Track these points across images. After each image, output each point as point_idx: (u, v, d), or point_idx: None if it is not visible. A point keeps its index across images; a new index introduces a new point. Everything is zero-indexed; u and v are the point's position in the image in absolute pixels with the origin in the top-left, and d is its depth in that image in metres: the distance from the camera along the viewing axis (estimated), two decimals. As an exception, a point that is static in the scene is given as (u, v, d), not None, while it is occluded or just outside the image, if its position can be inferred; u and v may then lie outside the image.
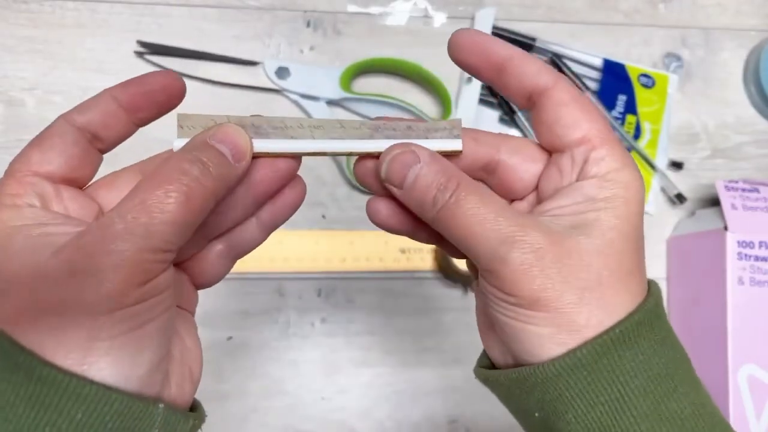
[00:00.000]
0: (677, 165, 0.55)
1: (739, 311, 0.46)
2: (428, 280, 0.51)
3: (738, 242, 0.46)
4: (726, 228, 0.46)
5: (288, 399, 0.48)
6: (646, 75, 0.56)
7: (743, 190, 0.48)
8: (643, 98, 0.55)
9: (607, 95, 0.55)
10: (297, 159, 0.24)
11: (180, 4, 0.52)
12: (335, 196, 0.51)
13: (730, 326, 0.45)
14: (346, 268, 0.50)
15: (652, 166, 0.54)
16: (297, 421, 0.48)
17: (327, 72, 0.51)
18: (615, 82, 0.55)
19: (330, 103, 0.52)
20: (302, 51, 0.53)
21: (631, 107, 0.55)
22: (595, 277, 0.21)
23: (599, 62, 0.55)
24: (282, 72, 0.51)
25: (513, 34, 0.54)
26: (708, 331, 0.47)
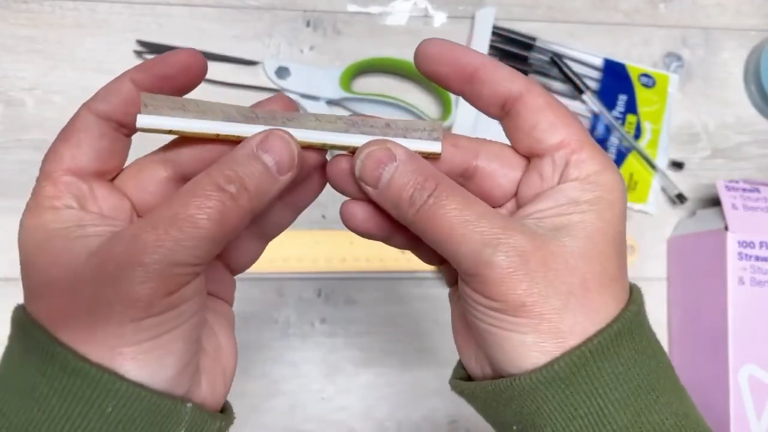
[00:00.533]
0: (678, 165, 0.55)
1: (740, 311, 0.46)
2: (428, 280, 0.51)
3: (738, 242, 0.46)
4: (726, 228, 0.46)
5: (288, 399, 0.48)
6: (647, 75, 0.56)
7: (744, 190, 0.48)
8: (644, 98, 0.55)
9: (608, 95, 0.55)
10: (324, 153, 0.24)
11: (180, 4, 0.52)
12: (335, 196, 0.51)
13: (731, 326, 0.45)
14: (346, 268, 0.50)
15: (653, 166, 0.54)
16: (297, 422, 0.48)
17: (327, 72, 0.51)
18: (615, 82, 0.55)
19: (330, 103, 0.52)
20: (302, 51, 0.53)
21: (632, 107, 0.55)
22: (580, 282, 0.21)
23: (600, 62, 0.55)
24: (282, 72, 0.51)
25: (513, 34, 0.54)
26: (708, 332, 0.47)
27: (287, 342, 0.49)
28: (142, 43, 0.50)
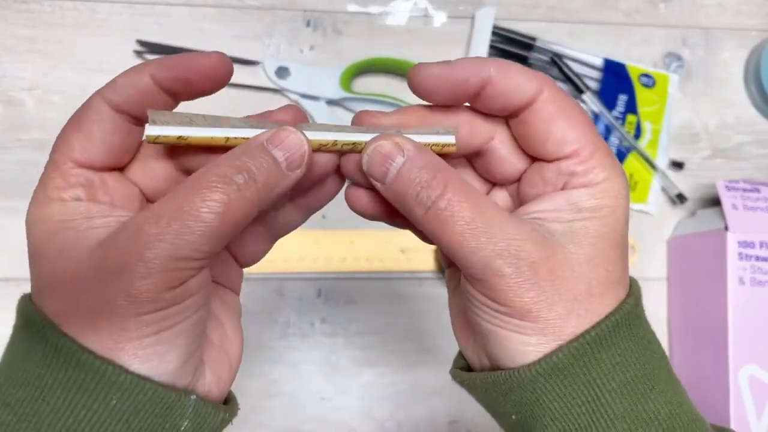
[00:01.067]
0: (678, 165, 0.55)
1: (740, 311, 0.46)
2: (428, 280, 0.51)
3: (739, 242, 0.46)
4: (727, 228, 0.46)
5: (288, 399, 0.48)
6: (647, 75, 0.56)
7: (744, 190, 0.48)
8: (644, 98, 0.55)
9: (608, 95, 0.55)
10: (337, 155, 0.23)
11: (180, 4, 0.52)
12: (335, 197, 0.51)
13: (731, 327, 0.45)
14: (346, 268, 0.50)
15: (653, 166, 0.54)
16: (297, 422, 0.48)
17: (327, 72, 0.51)
18: (616, 82, 0.55)
19: (330, 103, 0.52)
20: (302, 51, 0.53)
21: (632, 107, 0.55)
22: (585, 288, 0.21)
23: (600, 62, 0.55)
24: (282, 72, 0.51)
25: (513, 34, 0.54)
26: (709, 332, 0.47)
27: (287, 342, 0.49)
28: (142, 43, 0.50)
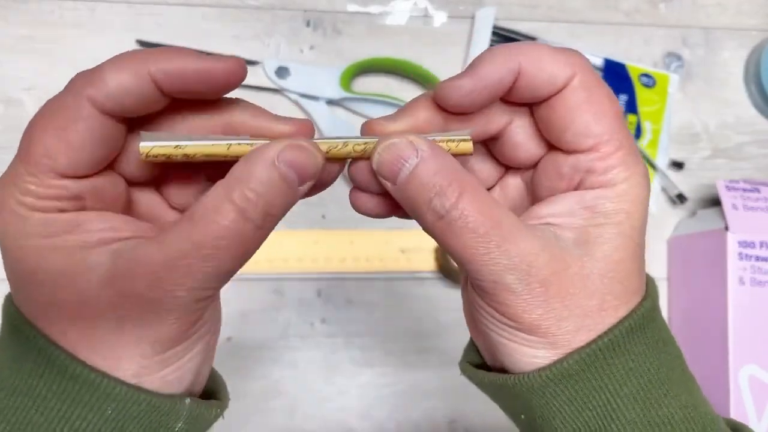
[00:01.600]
0: (678, 165, 0.55)
1: (740, 312, 0.45)
2: (428, 280, 0.51)
3: (739, 242, 0.46)
4: (727, 228, 0.46)
5: (288, 399, 0.48)
6: (647, 75, 0.56)
7: (744, 190, 0.48)
8: (644, 98, 0.55)
9: (608, 95, 0.55)
10: (343, 164, 0.22)
11: (179, 4, 0.52)
12: (335, 196, 0.51)
13: (731, 327, 0.45)
14: (346, 269, 0.50)
15: (653, 166, 0.54)
16: (297, 422, 0.48)
17: (327, 72, 0.51)
18: (616, 82, 0.55)
19: (330, 103, 0.52)
20: (302, 50, 0.53)
21: (632, 107, 0.55)
22: (598, 303, 0.20)
23: (600, 62, 0.55)
24: (282, 72, 0.51)
25: (513, 34, 0.54)
26: (709, 332, 0.47)
27: (287, 342, 0.49)
28: (142, 43, 0.50)
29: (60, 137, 0.19)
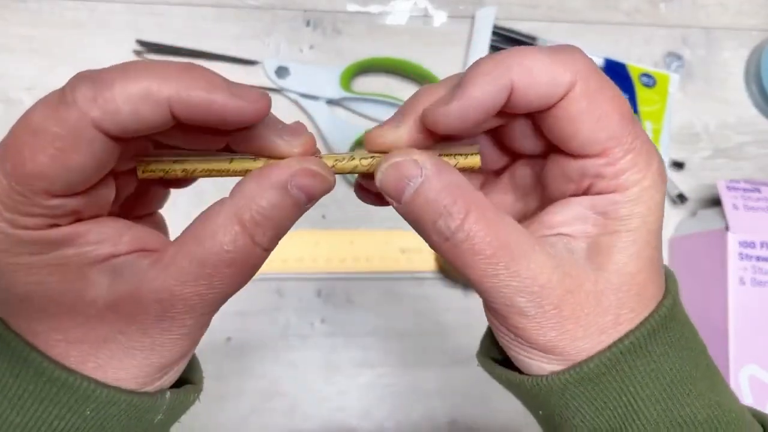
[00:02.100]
0: (678, 165, 0.55)
1: (741, 312, 0.45)
2: (428, 281, 0.51)
3: (739, 242, 0.46)
4: (727, 228, 0.46)
5: (288, 400, 0.48)
6: (647, 74, 0.56)
7: (744, 191, 0.48)
8: (644, 98, 0.55)
9: (608, 95, 0.55)
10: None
11: (179, 3, 0.52)
12: (335, 196, 0.51)
13: (732, 327, 0.45)
14: (346, 269, 0.50)
15: (653, 166, 0.54)
16: (297, 422, 0.48)
17: (327, 71, 0.51)
18: (616, 82, 0.54)
19: (330, 103, 0.52)
20: (302, 50, 0.53)
21: (632, 107, 0.55)
22: (613, 319, 0.20)
23: (600, 62, 0.55)
24: (282, 71, 0.51)
25: (513, 34, 0.54)
26: (709, 332, 0.47)
27: (287, 342, 0.49)
28: (142, 43, 0.50)
29: (58, 160, 0.17)
